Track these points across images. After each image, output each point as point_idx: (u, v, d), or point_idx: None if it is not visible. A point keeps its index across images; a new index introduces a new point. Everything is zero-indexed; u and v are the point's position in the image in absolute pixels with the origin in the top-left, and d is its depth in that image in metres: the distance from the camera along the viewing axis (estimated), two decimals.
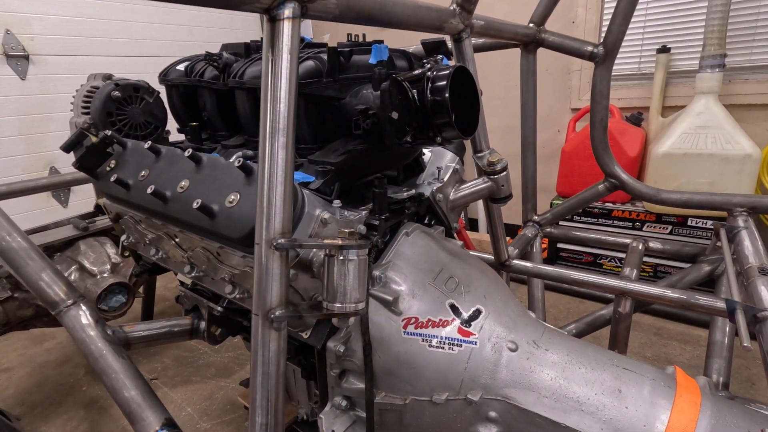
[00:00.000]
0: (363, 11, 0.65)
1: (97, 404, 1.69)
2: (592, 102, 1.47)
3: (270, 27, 0.53)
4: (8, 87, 2.31)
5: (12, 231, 0.78)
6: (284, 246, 0.53)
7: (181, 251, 0.82)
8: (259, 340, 0.55)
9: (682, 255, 1.61)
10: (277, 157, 0.53)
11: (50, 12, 2.42)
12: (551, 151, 2.69)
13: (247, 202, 0.64)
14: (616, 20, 1.32)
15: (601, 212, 2.24)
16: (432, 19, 0.83)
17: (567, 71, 2.59)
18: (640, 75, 2.41)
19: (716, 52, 1.90)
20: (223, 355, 1.93)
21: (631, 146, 2.18)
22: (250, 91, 0.84)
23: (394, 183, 0.96)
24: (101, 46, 2.64)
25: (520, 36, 1.31)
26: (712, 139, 1.88)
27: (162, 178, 0.78)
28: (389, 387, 0.70)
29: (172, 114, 1.07)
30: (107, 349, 0.75)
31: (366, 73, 0.83)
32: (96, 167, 0.91)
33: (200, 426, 1.55)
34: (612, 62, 1.40)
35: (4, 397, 1.75)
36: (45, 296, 0.77)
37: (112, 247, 1.50)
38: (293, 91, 0.53)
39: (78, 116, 1.33)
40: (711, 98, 1.93)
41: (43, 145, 2.47)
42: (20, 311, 1.40)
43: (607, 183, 1.57)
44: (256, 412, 0.56)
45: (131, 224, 0.94)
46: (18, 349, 2.07)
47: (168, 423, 0.69)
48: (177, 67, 1.03)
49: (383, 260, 0.75)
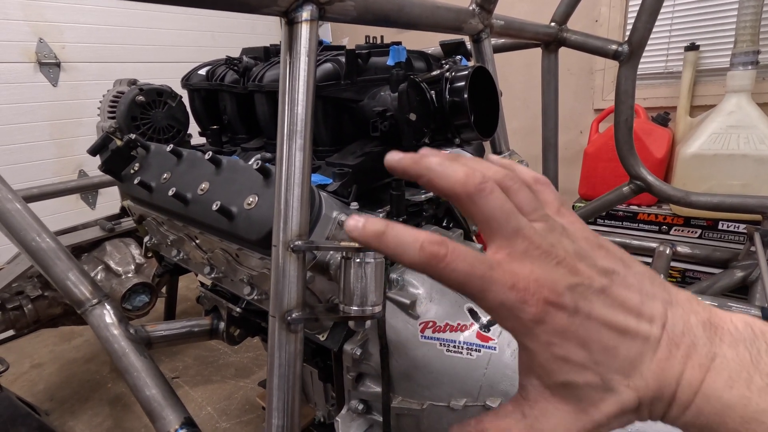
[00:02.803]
0: (381, 13, 0.65)
1: (121, 401, 1.73)
2: (617, 102, 1.43)
3: (288, 30, 0.53)
4: (41, 93, 2.40)
5: (42, 232, 0.80)
6: (301, 248, 0.53)
7: (202, 252, 0.84)
8: (276, 341, 0.55)
9: (713, 260, 1.55)
10: (294, 159, 0.53)
11: (81, 21, 2.51)
12: (573, 153, 2.63)
13: (265, 204, 0.65)
14: (642, 17, 1.28)
15: (626, 215, 2.17)
16: (451, 19, 0.82)
17: (590, 71, 2.54)
18: (667, 74, 2.33)
19: (749, 48, 1.83)
20: (243, 356, 1.95)
21: (658, 147, 2.11)
22: (269, 95, 0.85)
23: (412, 185, 0.95)
24: (129, 53, 2.72)
25: (541, 36, 1.29)
26: (745, 139, 1.80)
27: (183, 180, 0.80)
28: (406, 391, 0.69)
29: (194, 117, 1.10)
30: (130, 348, 0.76)
31: (384, 75, 0.82)
32: (121, 170, 0.93)
33: (219, 425, 1.57)
34: (637, 61, 1.36)
35: (35, 392, 1.82)
36: (72, 295, 0.79)
37: (137, 248, 1.54)
38: (311, 93, 0.53)
39: (104, 120, 1.37)
40: (743, 97, 1.85)
41: (72, 149, 2.56)
42: (50, 309, 1.45)
43: (632, 185, 1.53)
44: (272, 413, 0.56)
45: (154, 226, 0.96)
46: (48, 346, 2.15)
47: (187, 422, 0.70)
48: (198, 72, 1.04)
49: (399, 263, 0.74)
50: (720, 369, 0.23)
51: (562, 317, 0.23)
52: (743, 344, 0.23)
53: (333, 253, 0.62)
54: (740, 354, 0.23)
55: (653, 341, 0.24)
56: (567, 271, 0.24)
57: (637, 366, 0.24)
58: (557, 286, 0.23)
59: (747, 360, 0.23)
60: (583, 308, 0.23)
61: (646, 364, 0.24)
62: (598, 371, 0.24)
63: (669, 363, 0.24)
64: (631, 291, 0.25)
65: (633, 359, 0.24)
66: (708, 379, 0.23)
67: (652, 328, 0.24)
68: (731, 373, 0.23)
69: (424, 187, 0.27)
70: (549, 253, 0.24)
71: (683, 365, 0.24)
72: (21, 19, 2.29)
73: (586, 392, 0.24)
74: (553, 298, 0.23)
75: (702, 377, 0.23)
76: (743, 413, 0.22)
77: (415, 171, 0.26)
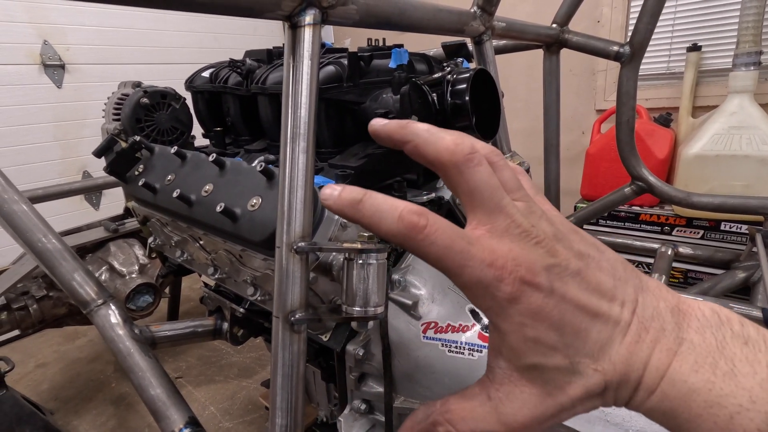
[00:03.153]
0: (383, 16, 0.65)
1: (125, 401, 1.74)
2: (618, 103, 1.43)
3: (291, 34, 0.53)
4: (45, 95, 2.42)
5: (47, 233, 0.81)
6: (304, 249, 0.54)
7: (205, 253, 0.84)
8: (279, 342, 0.55)
9: (715, 261, 1.55)
10: (297, 161, 0.53)
11: (85, 23, 2.52)
12: (575, 154, 2.63)
13: (268, 205, 0.65)
14: (644, 18, 1.28)
15: (628, 216, 2.17)
16: (452, 22, 0.83)
17: (592, 72, 2.54)
18: (669, 74, 2.33)
19: (751, 49, 1.83)
20: (245, 356, 1.96)
21: (660, 148, 2.11)
22: (272, 97, 0.86)
23: (414, 186, 0.96)
24: (132, 54, 2.74)
25: (542, 37, 1.29)
26: (747, 139, 1.80)
27: (187, 182, 0.81)
28: (408, 392, 0.70)
29: (198, 119, 1.10)
30: (134, 348, 0.77)
31: (386, 77, 0.83)
32: (125, 171, 0.94)
33: (222, 425, 1.58)
34: (639, 62, 1.36)
35: (39, 391, 1.83)
36: (77, 296, 0.80)
37: (140, 249, 1.55)
38: (314, 96, 0.54)
39: (109, 122, 1.38)
40: (746, 97, 1.85)
41: (77, 151, 2.57)
42: (54, 309, 1.46)
43: (634, 186, 1.53)
44: (276, 413, 0.56)
45: (158, 227, 0.96)
46: (52, 346, 2.16)
47: (191, 421, 0.71)
48: (202, 74, 1.05)
49: (403, 264, 0.75)
50: (686, 354, 0.23)
51: (537, 297, 0.23)
52: (710, 330, 0.24)
53: (336, 255, 0.63)
54: (707, 339, 0.23)
55: (623, 325, 0.24)
56: (545, 251, 0.24)
57: (606, 350, 0.24)
58: (535, 266, 0.23)
59: (713, 345, 0.23)
60: (558, 289, 0.23)
61: (615, 348, 0.24)
62: (567, 354, 0.24)
63: (637, 347, 0.24)
64: (605, 274, 0.25)
65: (603, 343, 0.24)
66: (674, 363, 0.23)
67: (623, 312, 0.24)
68: (697, 358, 0.23)
69: (409, 154, 0.26)
70: (529, 233, 0.24)
71: (651, 350, 0.24)
72: (26, 21, 2.31)
73: (554, 375, 0.24)
74: (529, 278, 0.23)
75: (669, 362, 0.23)
76: (707, 397, 0.22)
77: (401, 136, 0.26)
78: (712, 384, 0.22)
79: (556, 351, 0.24)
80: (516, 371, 0.25)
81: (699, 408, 0.22)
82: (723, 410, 0.22)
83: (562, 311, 0.24)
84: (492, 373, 0.26)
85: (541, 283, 0.23)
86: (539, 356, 0.24)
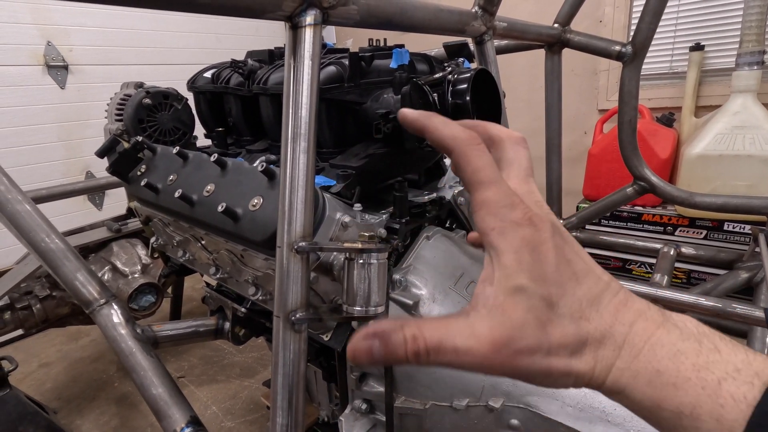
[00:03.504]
0: (384, 16, 0.65)
1: (128, 400, 1.75)
2: (621, 103, 1.43)
3: (292, 34, 0.54)
4: (49, 96, 2.43)
5: (51, 233, 0.82)
6: (305, 249, 0.54)
7: (207, 253, 0.85)
8: (280, 341, 0.55)
9: (718, 261, 1.54)
10: (298, 161, 0.54)
11: (88, 24, 2.53)
12: (577, 154, 2.63)
13: (269, 205, 0.66)
14: (646, 18, 1.28)
15: (630, 216, 2.17)
16: (453, 22, 0.83)
17: (594, 71, 2.53)
18: (672, 74, 2.32)
19: (754, 48, 1.82)
20: (247, 356, 1.96)
21: (662, 148, 2.11)
22: (273, 97, 0.86)
23: (415, 186, 0.96)
24: (135, 55, 2.75)
25: (544, 37, 1.29)
26: (751, 139, 1.79)
27: (189, 182, 0.81)
28: (409, 391, 0.70)
29: (200, 120, 1.11)
30: (137, 348, 0.77)
31: (387, 77, 0.83)
32: (128, 172, 0.95)
33: (224, 424, 1.58)
34: (641, 61, 1.35)
35: (42, 390, 1.84)
36: (80, 295, 0.80)
37: (143, 249, 1.56)
38: (314, 96, 0.54)
39: (112, 123, 1.38)
40: (749, 97, 1.84)
41: (80, 151, 2.58)
42: (58, 309, 1.47)
43: (637, 186, 1.52)
44: (277, 412, 0.56)
45: (160, 227, 0.97)
46: (56, 345, 2.17)
47: (193, 421, 0.71)
48: (204, 75, 1.06)
49: (404, 264, 0.75)
50: (671, 328, 0.24)
51: (539, 235, 0.25)
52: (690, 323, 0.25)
53: (336, 254, 0.63)
54: (688, 327, 0.25)
55: (613, 289, 0.26)
56: (551, 219, 0.27)
57: (595, 303, 0.25)
58: (543, 219, 0.26)
59: (695, 331, 0.24)
60: (558, 241, 0.26)
61: (604, 304, 0.25)
62: (556, 292, 0.25)
63: (625, 309, 0.25)
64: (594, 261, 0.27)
65: (593, 296, 0.25)
66: (661, 330, 0.24)
67: (612, 282, 0.26)
68: (682, 332, 0.24)
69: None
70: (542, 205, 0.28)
71: (636, 317, 0.25)
72: (30, 22, 2.32)
73: (538, 305, 0.24)
74: (537, 221, 0.26)
75: (654, 329, 0.24)
76: (695, 361, 0.23)
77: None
78: (699, 351, 0.23)
79: (546, 283, 0.25)
80: (502, 294, 0.25)
81: (688, 371, 0.23)
82: (711, 375, 0.22)
83: (557, 256, 0.25)
84: (475, 300, 0.26)
85: (545, 229, 0.26)
86: (529, 280, 0.24)
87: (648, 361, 0.23)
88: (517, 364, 0.24)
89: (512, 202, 0.26)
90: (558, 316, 0.24)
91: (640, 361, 0.24)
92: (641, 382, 0.23)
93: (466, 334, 0.24)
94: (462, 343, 0.24)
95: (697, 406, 0.22)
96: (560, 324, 0.24)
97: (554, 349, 0.24)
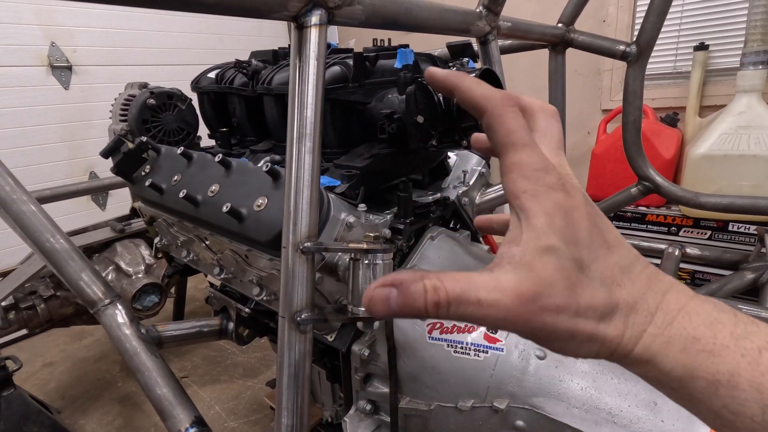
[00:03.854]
0: (388, 16, 0.65)
1: (131, 400, 1.75)
2: (625, 103, 1.42)
3: (297, 34, 0.53)
4: (53, 96, 2.44)
5: (55, 233, 0.82)
6: (310, 250, 0.54)
7: (211, 253, 0.85)
8: (285, 342, 0.55)
9: (723, 262, 1.53)
10: (303, 162, 0.53)
11: (92, 25, 2.54)
12: (581, 154, 2.62)
13: (274, 206, 0.66)
14: (650, 17, 1.27)
15: (635, 216, 2.16)
16: (458, 22, 0.83)
17: (597, 71, 2.52)
18: (676, 74, 2.31)
19: (759, 48, 1.81)
20: (250, 356, 1.96)
21: (667, 148, 2.10)
22: (277, 97, 0.86)
23: (420, 187, 0.96)
24: (139, 56, 2.76)
25: (548, 37, 1.28)
26: (756, 139, 1.78)
27: (193, 182, 0.81)
28: (414, 392, 0.70)
29: (203, 120, 1.11)
30: (141, 348, 0.77)
31: (391, 77, 0.83)
32: (132, 172, 0.95)
33: (228, 425, 1.58)
34: (646, 61, 1.35)
35: (46, 390, 1.85)
36: (84, 295, 0.80)
37: (147, 249, 1.56)
38: (320, 97, 0.54)
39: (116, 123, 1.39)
40: (754, 97, 1.83)
41: (83, 151, 2.59)
42: (62, 309, 1.47)
43: (641, 186, 1.52)
44: (282, 413, 0.56)
45: (164, 227, 0.97)
46: (59, 345, 2.18)
47: (197, 421, 0.71)
48: (208, 75, 1.06)
49: (408, 264, 0.75)
50: (704, 299, 0.24)
51: (572, 200, 0.25)
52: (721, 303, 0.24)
53: (341, 255, 0.63)
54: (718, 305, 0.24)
55: (644, 261, 0.25)
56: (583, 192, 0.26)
57: (627, 271, 0.24)
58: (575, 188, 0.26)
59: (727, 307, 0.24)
60: (591, 210, 0.25)
61: (637, 273, 0.25)
62: (588, 256, 0.24)
63: (656, 280, 0.25)
64: None
65: (625, 264, 0.25)
66: (694, 301, 0.24)
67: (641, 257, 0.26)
68: (716, 305, 0.23)
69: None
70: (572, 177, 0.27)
71: (668, 288, 0.24)
72: (34, 23, 2.33)
73: (568, 265, 0.23)
74: (569, 188, 0.25)
75: (688, 300, 0.24)
76: (733, 330, 0.22)
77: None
78: (736, 322, 0.22)
79: (578, 246, 0.24)
80: (531, 253, 0.23)
81: (725, 338, 0.22)
82: (751, 344, 0.21)
83: (590, 223, 0.25)
84: (500, 259, 0.25)
85: (578, 196, 0.25)
86: (561, 241, 0.23)
87: (683, 327, 0.23)
88: (542, 320, 0.23)
89: (546, 166, 0.25)
90: (589, 279, 0.24)
91: (675, 328, 0.23)
92: (675, 348, 0.22)
93: (490, 287, 0.23)
94: (486, 295, 0.23)
95: (735, 374, 0.21)
96: (591, 286, 0.23)
97: (582, 311, 0.23)
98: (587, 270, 0.24)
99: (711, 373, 0.21)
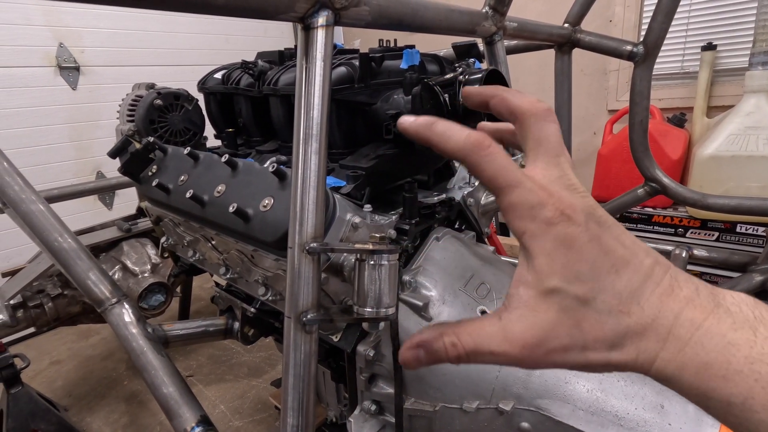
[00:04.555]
0: (395, 17, 0.65)
1: (137, 398, 1.77)
2: (632, 103, 1.41)
3: (304, 35, 0.54)
4: (61, 97, 2.46)
5: (63, 232, 0.83)
6: (316, 250, 0.54)
7: (217, 253, 0.85)
8: (291, 342, 0.56)
9: (731, 264, 1.52)
10: (310, 162, 0.54)
11: (100, 26, 2.56)
12: (587, 155, 2.61)
13: (280, 206, 0.66)
14: (658, 17, 1.26)
15: (641, 217, 2.14)
16: (464, 22, 0.83)
17: (604, 71, 2.51)
18: (684, 74, 2.30)
19: None
20: (255, 355, 1.97)
21: (674, 149, 2.08)
22: (283, 98, 0.86)
23: (425, 187, 0.95)
24: (146, 56, 2.78)
25: (555, 37, 1.28)
26: (764, 140, 1.76)
27: (200, 182, 0.81)
28: (419, 393, 0.70)
29: (210, 121, 1.11)
30: (147, 347, 0.78)
31: (397, 78, 0.83)
32: (139, 172, 0.95)
33: (232, 424, 1.59)
34: (653, 62, 1.34)
35: (53, 388, 1.86)
36: (92, 294, 0.81)
37: (153, 248, 1.57)
38: (326, 97, 0.54)
39: (123, 124, 1.40)
40: (762, 97, 1.81)
41: (91, 151, 2.61)
42: (69, 308, 1.48)
43: (648, 187, 1.51)
44: (287, 413, 0.57)
45: (171, 227, 0.98)
46: (66, 343, 2.20)
47: (203, 420, 0.71)
48: (214, 76, 1.06)
49: (413, 265, 0.75)
50: (723, 315, 0.23)
51: (573, 229, 0.24)
52: (745, 305, 0.24)
53: (347, 255, 0.63)
54: (743, 310, 0.23)
55: (656, 278, 0.24)
56: (586, 203, 0.25)
57: (635, 296, 0.24)
58: (576, 206, 0.25)
59: (750, 316, 0.23)
60: (594, 230, 0.25)
61: (646, 296, 0.24)
62: (592, 288, 0.24)
63: (670, 299, 0.24)
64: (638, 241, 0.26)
65: (633, 289, 0.24)
66: (711, 319, 0.23)
67: (656, 269, 0.25)
68: (735, 320, 0.23)
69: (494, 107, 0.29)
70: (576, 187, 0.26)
71: (684, 305, 0.24)
72: (42, 24, 2.35)
73: (572, 304, 0.24)
74: (569, 212, 0.25)
75: (704, 317, 0.23)
76: (748, 353, 0.22)
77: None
78: (753, 342, 0.22)
79: (580, 282, 0.24)
80: (534, 296, 0.25)
81: (739, 363, 0.21)
82: (765, 367, 0.21)
83: (594, 249, 0.24)
84: (509, 300, 0.26)
85: (579, 219, 0.25)
86: (562, 281, 0.24)
87: (695, 353, 0.23)
88: (551, 361, 0.25)
89: (540, 201, 0.25)
90: (596, 312, 0.24)
91: (687, 354, 0.23)
92: (688, 373, 0.23)
93: (499, 339, 0.25)
94: (497, 347, 0.25)
95: (749, 398, 0.21)
96: (597, 320, 0.24)
97: (590, 344, 0.24)
98: (593, 302, 0.24)
99: (725, 395, 0.22)
